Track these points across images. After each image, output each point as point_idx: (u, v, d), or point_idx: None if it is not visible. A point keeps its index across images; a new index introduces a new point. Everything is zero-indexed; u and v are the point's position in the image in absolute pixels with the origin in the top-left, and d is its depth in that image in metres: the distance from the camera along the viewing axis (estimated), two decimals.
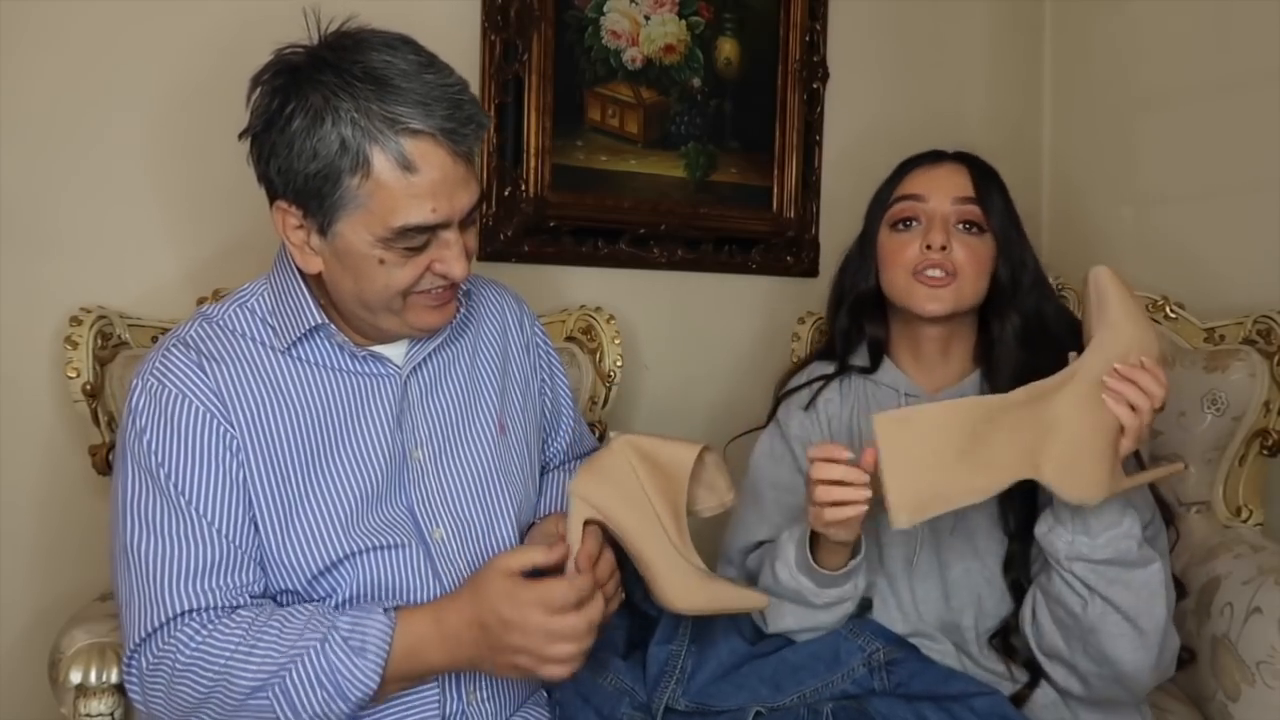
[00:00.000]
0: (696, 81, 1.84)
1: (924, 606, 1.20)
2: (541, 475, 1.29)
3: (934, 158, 1.26)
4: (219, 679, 0.96)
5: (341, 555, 1.04)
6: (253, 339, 1.08)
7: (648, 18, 1.79)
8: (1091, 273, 1.06)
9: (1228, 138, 1.76)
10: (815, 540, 1.12)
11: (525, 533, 1.19)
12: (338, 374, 1.09)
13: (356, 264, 1.01)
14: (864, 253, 1.29)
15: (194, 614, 0.99)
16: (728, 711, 1.11)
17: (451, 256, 1.02)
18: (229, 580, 1.01)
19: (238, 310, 1.10)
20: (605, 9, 1.75)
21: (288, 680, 0.96)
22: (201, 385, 1.03)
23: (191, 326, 1.09)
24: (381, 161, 0.96)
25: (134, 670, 1.00)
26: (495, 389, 1.20)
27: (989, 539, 1.18)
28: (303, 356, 1.09)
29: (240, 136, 1.02)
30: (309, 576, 1.04)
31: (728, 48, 1.87)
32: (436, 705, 1.07)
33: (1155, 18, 1.90)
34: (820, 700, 1.10)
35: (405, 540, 1.07)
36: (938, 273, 1.19)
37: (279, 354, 1.08)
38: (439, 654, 1.00)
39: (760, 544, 1.29)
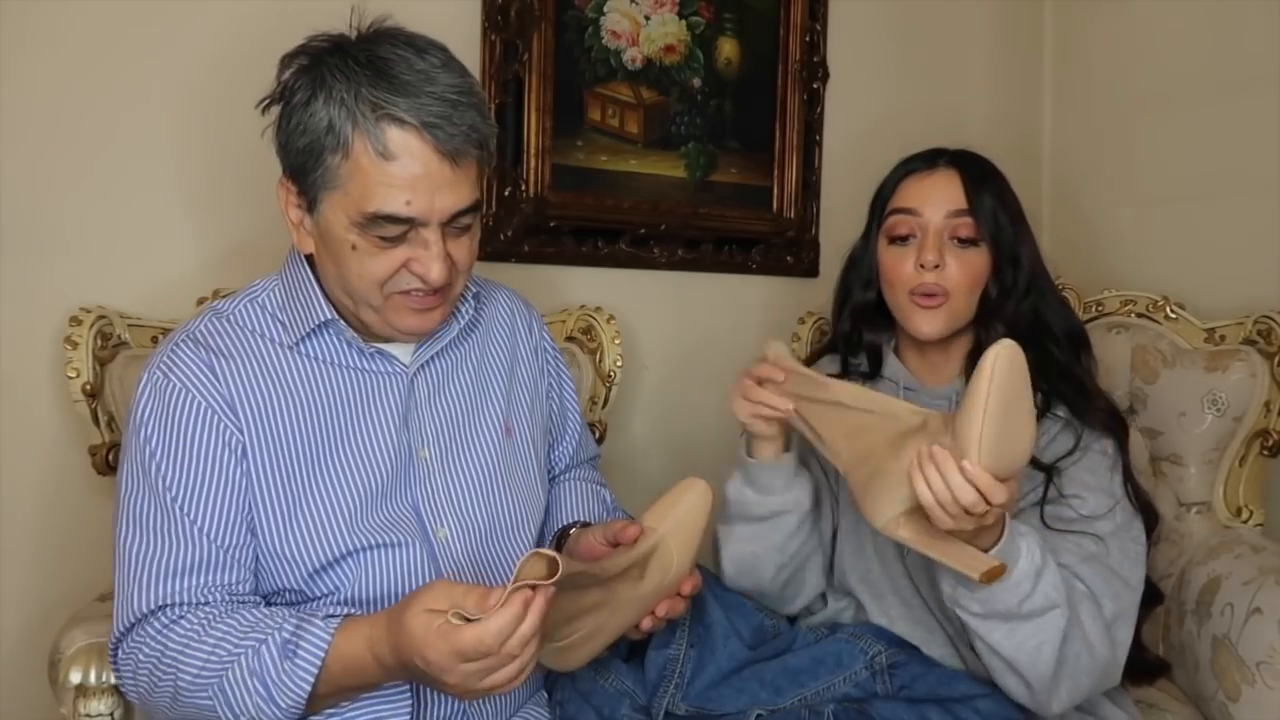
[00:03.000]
0: (696, 81, 1.84)
1: (915, 598, 1.21)
2: (550, 484, 1.28)
3: (930, 161, 1.27)
4: (171, 670, 0.96)
5: (344, 551, 1.04)
6: (262, 335, 1.08)
7: (648, 18, 1.79)
8: (989, 352, 0.92)
9: (1228, 138, 1.76)
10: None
11: (557, 540, 1.19)
12: (345, 370, 1.09)
13: (335, 248, 1.01)
14: (867, 256, 1.31)
15: (166, 610, 0.99)
16: (727, 715, 1.10)
17: (429, 258, 1.00)
18: (208, 580, 1.00)
19: (249, 305, 1.10)
20: (605, 9, 1.75)
21: (224, 679, 0.94)
22: (208, 383, 1.03)
23: (202, 321, 1.09)
24: (360, 145, 0.96)
25: (115, 664, 1.03)
26: (502, 391, 1.20)
27: None
28: (310, 353, 1.09)
29: (257, 106, 1.03)
30: (309, 571, 1.04)
31: (728, 48, 1.86)
32: (408, 712, 1.02)
33: (1155, 18, 1.90)
34: (822, 703, 1.10)
35: (409, 539, 1.07)
36: (931, 293, 1.21)
37: (287, 350, 1.08)
38: (379, 677, 0.95)
39: None
